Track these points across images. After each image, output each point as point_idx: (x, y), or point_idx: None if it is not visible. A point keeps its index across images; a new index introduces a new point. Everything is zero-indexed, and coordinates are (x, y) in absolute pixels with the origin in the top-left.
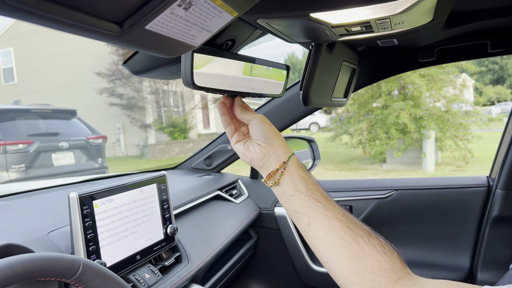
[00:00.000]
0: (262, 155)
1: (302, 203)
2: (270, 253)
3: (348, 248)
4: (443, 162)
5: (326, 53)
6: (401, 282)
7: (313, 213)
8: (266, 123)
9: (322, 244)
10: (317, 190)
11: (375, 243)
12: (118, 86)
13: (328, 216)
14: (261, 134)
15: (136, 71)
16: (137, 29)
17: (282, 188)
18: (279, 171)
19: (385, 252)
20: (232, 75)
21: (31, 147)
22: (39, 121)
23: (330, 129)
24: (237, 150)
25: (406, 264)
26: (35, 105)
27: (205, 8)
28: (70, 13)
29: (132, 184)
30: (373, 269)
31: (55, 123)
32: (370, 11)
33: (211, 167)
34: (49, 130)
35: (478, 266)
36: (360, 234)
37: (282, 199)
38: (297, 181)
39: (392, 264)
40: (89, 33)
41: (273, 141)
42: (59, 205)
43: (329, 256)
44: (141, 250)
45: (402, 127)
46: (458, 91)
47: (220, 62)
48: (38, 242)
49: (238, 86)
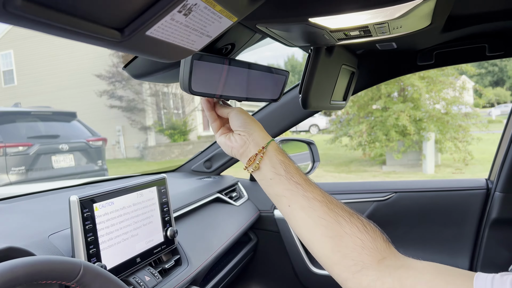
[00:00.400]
0: (242, 143)
1: (282, 186)
2: (269, 255)
3: (328, 227)
4: (443, 164)
5: (325, 56)
6: (386, 263)
7: (293, 195)
8: (243, 113)
9: (304, 225)
10: (297, 173)
11: (356, 223)
12: (118, 88)
13: (308, 197)
14: (240, 123)
15: (136, 75)
16: (138, 35)
17: (262, 173)
18: (258, 156)
19: (367, 231)
20: (229, 81)
21: (31, 150)
22: (39, 123)
23: (330, 131)
24: (220, 142)
25: (391, 244)
26: (35, 107)
27: (205, 14)
28: (72, 20)
29: (132, 187)
30: (356, 248)
31: (55, 125)
32: (368, 16)
33: (211, 169)
34: (49, 132)
35: (478, 268)
36: (340, 214)
37: (263, 184)
38: (276, 165)
39: (375, 243)
40: (90, 40)
41: (252, 129)
42: (59, 208)
43: (310, 237)
44: (141, 252)
45: (402, 129)
46: (458, 93)
47: (218, 67)
48: (39, 245)
49: (236, 91)
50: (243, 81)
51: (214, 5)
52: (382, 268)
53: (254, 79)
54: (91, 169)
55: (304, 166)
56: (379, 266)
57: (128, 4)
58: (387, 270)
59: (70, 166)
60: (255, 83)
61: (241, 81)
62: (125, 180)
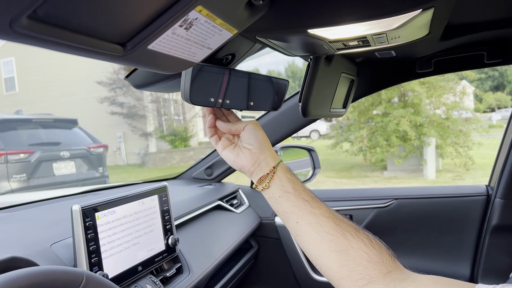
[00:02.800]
0: (252, 161)
1: (290, 203)
2: (271, 262)
3: (335, 242)
4: (444, 169)
5: (324, 65)
6: (392, 276)
7: (300, 212)
8: (259, 129)
9: (311, 241)
10: (304, 190)
11: (362, 237)
12: (119, 95)
13: (315, 214)
14: (255, 139)
15: (138, 85)
16: (140, 49)
17: (272, 191)
18: (269, 175)
19: (373, 245)
20: (230, 90)
21: (33, 157)
22: (41, 130)
23: (331, 137)
24: (226, 157)
25: (396, 258)
26: (37, 114)
27: (205, 27)
28: (75, 37)
29: (133, 196)
30: (362, 262)
31: (57, 132)
32: (366, 27)
33: (211, 177)
34: (51, 139)
35: (479, 275)
36: (347, 229)
37: (272, 201)
38: (285, 183)
39: (381, 257)
40: (92, 54)
41: (265, 147)
42: (61, 217)
43: (318, 252)
44: (142, 261)
45: (403, 134)
46: (458, 98)
47: (219, 77)
48: (41, 254)
49: (236, 101)
50: (244, 90)
51: (215, 18)
52: (388, 281)
53: (255, 88)
54: (92, 176)
55: (304, 172)
56: (385, 279)
57: (130, 20)
58: (393, 283)
59: (71, 173)
60: (256, 92)
61: (241, 91)
62: (127, 188)
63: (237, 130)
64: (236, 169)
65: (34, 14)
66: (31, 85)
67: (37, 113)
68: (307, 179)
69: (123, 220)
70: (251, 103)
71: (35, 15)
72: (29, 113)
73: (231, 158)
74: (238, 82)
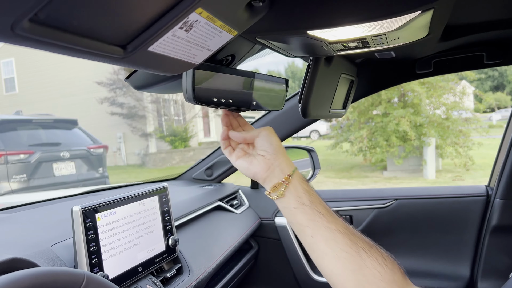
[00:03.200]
0: (266, 167)
1: (306, 216)
2: (271, 263)
3: (350, 260)
4: (444, 169)
5: (324, 66)
6: None
7: (316, 226)
8: (274, 135)
9: (325, 257)
10: (320, 203)
11: (376, 255)
12: (119, 95)
13: (331, 229)
14: (270, 145)
15: (138, 86)
16: (140, 51)
17: (286, 201)
18: (284, 183)
19: (386, 264)
20: (232, 90)
21: (33, 157)
22: (41, 131)
23: (331, 137)
24: (240, 166)
25: (406, 275)
26: (37, 115)
27: (206, 29)
28: (76, 39)
29: (134, 196)
30: (375, 281)
31: (57, 133)
32: (366, 28)
33: (211, 177)
34: (51, 140)
35: (478, 275)
36: (361, 246)
37: (286, 212)
38: (301, 194)
39: (393, 275)
40: (93, 56)
41: (279, 154)
42: (61, 218)
43: (332, 268)
44: (143, 262)
45: (403, 134)
46: (458, 98)
47: (220, 77)
48: (42, 255)
49: (239, 101)
50: (246, 90)
51: (215, 20)
52: None
53: (257, 88)
54: (92, 176)
55: (304, 173)
56: None
57: (131, 22)
58: None
59: (71, 174)
60: (258, 92)
61: (244, 91)
62: (127, 188)
63: (251, 137)
64: (249, 177)
65: (36, 17)
66: (31, 86)
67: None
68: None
69: (124, 221)
70: (254, 103)
71: (36, 18)
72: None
73: (244, 165)
74: (241, 82)
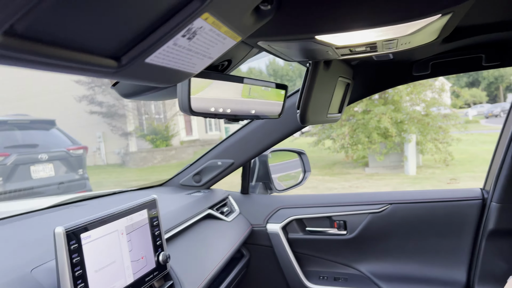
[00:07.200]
0: None
1: None
2: (263, 271)
3: None
4: (424, 165)
5: (323, 70)
6: None
7: None
8: None
9: None
10: None
11: None
12: (97, 93)
13: None
14: None
15: (126, 94)
16: (136, 63)
17: None
18: None
19: None
20: (230, 99)
21: (8, 160)
22: (17, 132)
23: (313, 134)
24: None
25: None
26: (12, 115)
27: (209, 36)
28: (64, 53)
29: (122, 212)
30: None
31: (34, 134)
32: (379, 33)
33: (200, 183)
34: (27, 141)
35: (475, 280)
36: None
37: None
38: None
39: None
40: (82, 72)
41: None
42: (42, 235)
43: None
44: (132, 282)
45: (384, 131)
46: (437, 94)
47: (217, 85)
48: (21, 281)
49: (237, 110)
50: (245, 98)
51: (220, 26)
52: None
53: (255, 95)
54: (72, 178)
55: (294, 174)
56: None
57: (126, 32)
58: None
59: (50, 176)
60: (257, 100)
61: (242, 99)
62: (112, 197)
63: None
64: None
65: (11, 29)
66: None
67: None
68: (298, 183)
69: (111, 240)
70: (253, 111)
71: (12, 31)
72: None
73: None
74: (239, 89)
